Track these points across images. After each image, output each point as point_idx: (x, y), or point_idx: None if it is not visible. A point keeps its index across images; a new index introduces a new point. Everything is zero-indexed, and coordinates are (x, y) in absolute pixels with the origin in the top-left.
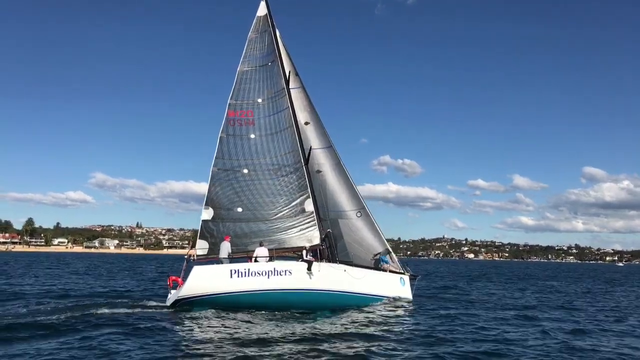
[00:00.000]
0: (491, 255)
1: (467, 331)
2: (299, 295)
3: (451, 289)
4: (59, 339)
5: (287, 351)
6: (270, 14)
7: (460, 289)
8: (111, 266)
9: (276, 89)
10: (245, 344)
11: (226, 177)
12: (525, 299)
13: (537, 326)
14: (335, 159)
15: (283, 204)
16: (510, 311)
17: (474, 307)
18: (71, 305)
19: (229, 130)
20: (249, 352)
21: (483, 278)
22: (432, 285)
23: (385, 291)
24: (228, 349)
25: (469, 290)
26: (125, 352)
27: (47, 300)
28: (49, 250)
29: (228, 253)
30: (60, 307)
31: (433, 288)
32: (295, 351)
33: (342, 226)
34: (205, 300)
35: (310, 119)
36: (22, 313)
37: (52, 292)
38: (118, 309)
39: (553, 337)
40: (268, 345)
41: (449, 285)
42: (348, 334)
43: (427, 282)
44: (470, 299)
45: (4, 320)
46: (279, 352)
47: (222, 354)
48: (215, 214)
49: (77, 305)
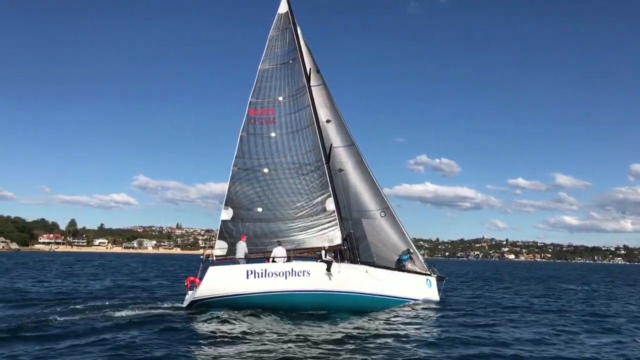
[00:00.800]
0: (533, 256)
1: (491, 335)
2: (317, 296)
3: (481, 291)
4: (72, 340)
5: (303, 354)
6: (291, 11)
7: (489, 291)
8: (136, 266)
9: (297, 87)
10: (259, 346)
11: (246, 176)
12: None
13: (565, 332)
14: (358, 157)
15: (303, 202)
16: (537, 315)
17: (503, 311)
18: (82, 307)
19: (250, 129)
20: (262, 355)
21: (516, 279)
22: (463, 287)
23: (410, 293)
24: (238, 351)
25: (498, 293)
26: (134, 354)
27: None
28: (90, 251)
29: (245, 253)
30: (77, 309)
31: (463, 289)
32: (311, 354)
33: (366, 226)
34: (221, 301)
35: (332, 117)
36: (35, 313)
37: (61, 293)
38: (132, 310)
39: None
40: (283, 347)
41: (479, 287)
42: (368, 336)
43: (458, 283)
44: (498, 302)
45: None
46: (293, 355)
47: (231, 357)
48: (234, 214)
49: (91, 306)
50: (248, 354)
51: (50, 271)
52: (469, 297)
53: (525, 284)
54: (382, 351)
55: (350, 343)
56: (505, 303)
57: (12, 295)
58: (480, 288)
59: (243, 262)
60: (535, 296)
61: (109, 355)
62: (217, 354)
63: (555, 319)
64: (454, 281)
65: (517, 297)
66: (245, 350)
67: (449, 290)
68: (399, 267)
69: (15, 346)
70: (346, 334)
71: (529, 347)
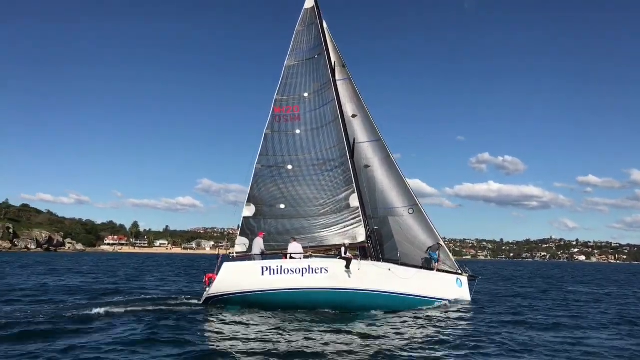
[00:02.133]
0: (606, 257)
1: (521, 337)
2: (336, 294)
3: (522, 292)
4: (91, 334)
5: (314, 353)
6: (317, 6)
7: (532, 292)
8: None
9: (322, 82)
10: (270, 345)
11: (270, 173)
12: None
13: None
14: (385, 152)
15: (327, 199)
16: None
17: (538, 312)
18: (108, 301)
19: (275, 126)
20: (274, 353)
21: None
22: (502, 287)
23: (439, 293)
24: (249, 349)
25: (540, 295)
26: (142, 349)
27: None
28: (150, 251)
29: (261, 250)
30: (110, 301)
31: (499, 290)
32: (324, 353)
33: (393, 224)
34: (235, 298)
35: (358, 112)
36: (51, 310)
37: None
38: (149, 305)
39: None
40: (293, 346)
41: (520, 287)
42: (389, 336)
43: (501, 284)
44: (534, 305)
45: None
46: (302, 354)
47: (241, 355)
48: (257, 211)
49: (117, 301)
50: (256, 352)
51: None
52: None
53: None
54: (397, 352)
55: (366, 343)
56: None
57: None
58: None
59: (259, 258)
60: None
61: (109, 350)
62: (223, 350)
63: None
64: (506, 284)
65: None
66: (248, 349)
67: (494, 292)
68: (428, 265)
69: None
70: (364, 332)
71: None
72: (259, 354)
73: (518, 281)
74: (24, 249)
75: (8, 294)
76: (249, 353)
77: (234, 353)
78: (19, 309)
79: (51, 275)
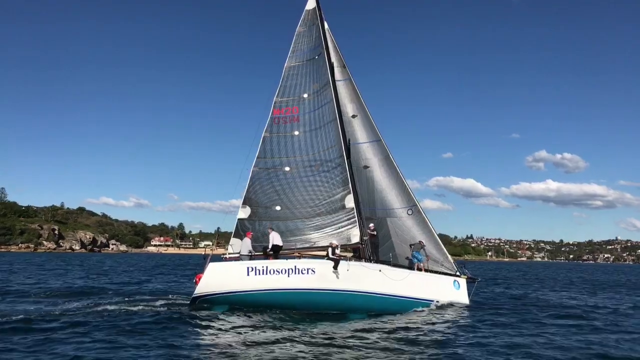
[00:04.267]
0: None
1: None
2: (323, 295)
3: (534, 294)
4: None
5: (301, 355)
6: (319, 7)
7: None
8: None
9: (322, 83)
10: (255, 345)
11: (267, 175)
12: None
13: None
14: (384, 152)
15: (322, 199)
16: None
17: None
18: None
19: (273, 129)
20: (257, 353)
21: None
22: (515, 291)
23: (434, 294)
24: (233, 351)
25: (551, 297)
26: (122, 349)
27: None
28: (194, 252)
29: (249, 250)
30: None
31: (509, 293)
32: (306, 354)
33: (391, 225)
34: (221, 298)
35: (358, 112)
36: (54, 309)
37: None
38: (136, 305)
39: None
40: (281, 349)
41: (552, 291)
42: (379, 338)
43: (519, 288)
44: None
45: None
46: (289, 356)
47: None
48: (252, 212)
49: (110, 301)
50: (233, 354)
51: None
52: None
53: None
54: (384, 354)
55: (353, 345)
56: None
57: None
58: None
59: (246, 259)
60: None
61: (91, 348)
62: (204, 350)
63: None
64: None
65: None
66: (233, 350)
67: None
68: (410, 265)
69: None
70: (351, 334)
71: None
72: (241, 356)
73: (548, 284)
74: (68, 250)
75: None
76: (228, 354)
77: (214, 354)
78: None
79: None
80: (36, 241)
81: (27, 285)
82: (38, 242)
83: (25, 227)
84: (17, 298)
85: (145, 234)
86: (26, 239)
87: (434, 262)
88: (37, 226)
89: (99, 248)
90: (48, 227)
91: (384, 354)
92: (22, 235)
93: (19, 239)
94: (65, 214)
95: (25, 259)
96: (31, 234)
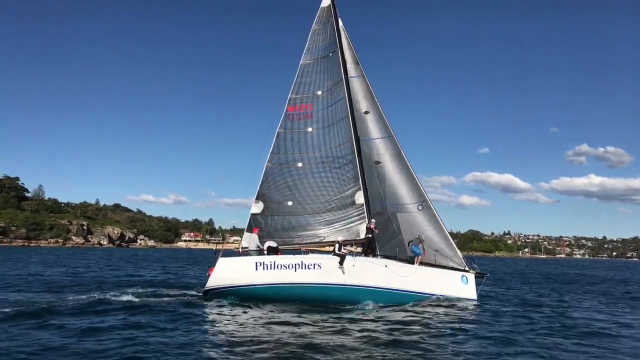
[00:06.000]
0: None
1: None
2: (329, 289)
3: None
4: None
5: (303, 348)
6: (334, 4)
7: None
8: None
9: (336, 80)
10: (261, 336)
11: (280, 171)
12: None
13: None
14: (396, 148)
15: (333, 195)
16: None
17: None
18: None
19: (287, 125)
20: (264, 346)
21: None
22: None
23: (441, 290)
24: (240, 341)
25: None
26: (137, 335)
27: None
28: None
29: (257, 245)
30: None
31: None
32: (311, 347)
33: (401, 220)
34: (230, 291)
35: (371, 108)
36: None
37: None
38: (152, 297)
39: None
40: (283, 339)
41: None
42: (385, 330)
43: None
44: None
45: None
46: (295, 348)
47: (232, 347)
48: (264, 208)
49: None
50: (242, 344)
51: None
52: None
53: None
54: (386, 349)
55: (354, 339)
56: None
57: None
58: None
59: (255, 254)
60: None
61: (109, 336)
62: (215, 345)
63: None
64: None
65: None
66: (240, 341)
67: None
68: (411, 260)
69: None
70: (359, 327)
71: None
72: (246, 345)
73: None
74: (96, 245)
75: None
76: (233, 343)
77: (221, 343)
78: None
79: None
80: (65, 236)
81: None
82: (67, 237)
83: (55, 222)
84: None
85: (177, 229)
86: (55, 234)
87: (443, 257)
88: (66, 222)
89: (126, 243)
90: (77, 222)
91: (386, 348)
92: (52, 230)
93: (49, 234)
94: (95, 210)
95: (60, 253)
96: (60, 229)
